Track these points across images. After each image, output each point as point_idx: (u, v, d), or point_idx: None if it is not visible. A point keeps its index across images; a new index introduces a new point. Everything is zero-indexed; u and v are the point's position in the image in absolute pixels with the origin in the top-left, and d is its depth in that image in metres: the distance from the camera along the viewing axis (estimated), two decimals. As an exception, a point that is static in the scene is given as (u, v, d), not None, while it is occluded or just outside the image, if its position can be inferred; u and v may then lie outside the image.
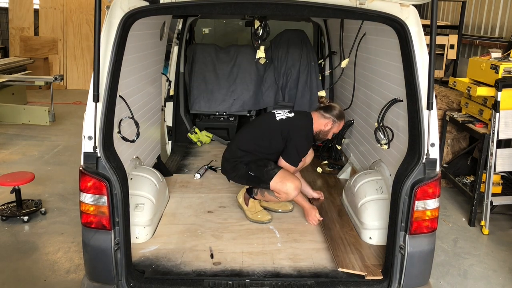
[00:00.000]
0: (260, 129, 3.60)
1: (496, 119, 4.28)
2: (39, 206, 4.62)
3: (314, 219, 3.47)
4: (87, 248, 2.60)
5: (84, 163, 2.50)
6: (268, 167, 3.37)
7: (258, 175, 3.38)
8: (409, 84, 2.64)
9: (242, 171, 3.46)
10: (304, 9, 2.52)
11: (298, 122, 3.50)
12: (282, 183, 3.29)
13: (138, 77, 3.52)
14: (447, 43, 6.94)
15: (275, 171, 3.34)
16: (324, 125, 3.53)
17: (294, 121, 3.49)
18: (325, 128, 3.54)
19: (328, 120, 3.53)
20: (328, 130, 3.56)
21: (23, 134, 7.41)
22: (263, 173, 3.35)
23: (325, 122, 3.52)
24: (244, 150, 3.49)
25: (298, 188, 3.35)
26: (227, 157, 3.59)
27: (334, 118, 3.53)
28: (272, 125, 3.50)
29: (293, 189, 3.29)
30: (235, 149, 3.54)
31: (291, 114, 3.55)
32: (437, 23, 6.63)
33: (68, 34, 11.41)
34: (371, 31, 3.66)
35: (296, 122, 3.49)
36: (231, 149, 3.60)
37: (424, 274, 2.70)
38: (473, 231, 4.53)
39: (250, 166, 3.43)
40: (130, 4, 2.51)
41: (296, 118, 3.52)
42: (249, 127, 3.76)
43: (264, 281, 2.70)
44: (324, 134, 3.59)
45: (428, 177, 2.53)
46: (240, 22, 7.25)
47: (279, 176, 3.31)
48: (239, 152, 3.50)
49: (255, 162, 3.42)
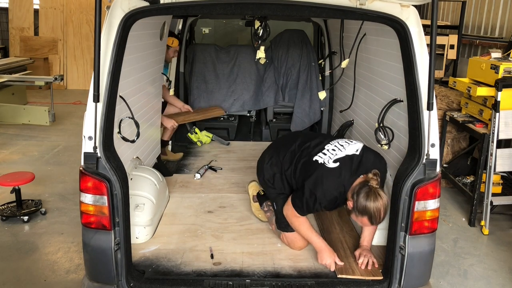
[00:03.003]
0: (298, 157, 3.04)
1: (496, 119, 4.28)
2: (39, 206, 4.62)
3: (330, 264, 2.86)
4: (87, 248, 2.60)
5: (84, 163, 2.50)
6: None
7: (278, 216, 3.12)
8: (409, 85, 2.64)
9: (271, 195, 3.21)
10: (304, 9, 2.51)
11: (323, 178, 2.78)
12: (291, 241, 3.08)
13: (138, 77, 3.52)
14: (447, 43, 6.94)
15: (292, 229, 3.04)
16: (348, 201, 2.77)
17: (325, 173, 2.79)
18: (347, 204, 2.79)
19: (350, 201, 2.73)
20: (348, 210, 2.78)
21: (23, 134, 7.41)
22: (282, 221, 3.08)
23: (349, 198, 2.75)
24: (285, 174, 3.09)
25: (302, 249, 3.08)
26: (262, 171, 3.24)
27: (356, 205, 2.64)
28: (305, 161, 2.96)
29: (297, 249, 3.07)
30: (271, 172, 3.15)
31: (334, 164, 2.79)
32: (437, 23, 6.63)
33: (68, 34, 11.40)
34: (371, 31, 3.66)
35: (322, 176, 2.78)
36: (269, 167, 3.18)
37: (424, 275, 2.70)
38: (473, 231, 4.53)
39: (279, 201, 3.11)
40: (130, 5, 2.51)
41: (330, 173, 2.78)
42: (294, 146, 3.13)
43: (264, 282, 2.69)
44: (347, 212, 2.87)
45: (428, 177, 2.53)
46: (240, 22, 7.26)
47: (293, 235, 3.05)
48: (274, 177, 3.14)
49: (283, 201, 3.06)
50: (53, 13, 11.41)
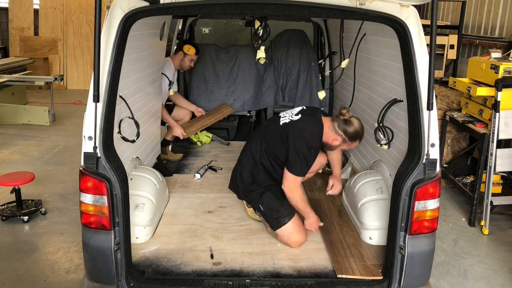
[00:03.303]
0: (266, 136, 3.26)
1: (496, 119, 4.28)
2: (39, 206, 4.62)
3: (314, 227, 3.24)
4: (87, 248, 2.60)
5: (84, 163, 2.50)
6: (279, 214, 3.15)
7: (267, 216, 3.21)
8: (409, 85, 2.64)
9: (254, 199, 3.29)
10: (304, 9, 2.51)
11: (300, 126, 3.09)
12: (287, 237, 3.12)
13: (138, 77, 3.52)
14: (447, 43, 6.94)
15: (285, 221, 3.12)
16: (332, 140, 3.14)
17: (298, 124, 3.11)
18: (332, 143, 3.15)
19: (338, 136, 3.11)
20: (335, 146, 3.18)
21: (23, 134, 7.41)
22: (273, 218, 3.17)
23: (334, 137, 3.13)
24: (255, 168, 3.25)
25: (301, 244, 3.14)
26: (239, 178, 3.36)
27: (345, 137, 3.10)
28: (275, 130, 3.19)
29: (296, 245, 3.12)
30: (247, 170, 3.30)
31: (297, 116, 3.15)
32: (437, 23, 6.63)
33: (68, 34, 11.40)
34: (371, 31, 3.66)
35: (298, 125, 3.10)
36: (242, 168, 3.34)
37: (424, 275, 2.70)
38: (473, 231, 4.53)
39: (263, 200, 3.23)
40: (130, 5, 2.51)
41: (300, 121, 3.12)
42: (257, 136, 3.36)
43: (264, 282, 2.69)
44: (329, 148, 3.26)
45: (428, 177, 2.53)
46: (240, 22, 7.25)
47: (288, 228, 3.12)
48: (252, 174, 3.27)
49: (269, 200, 3.21)
50: (53, 13, 11.41)
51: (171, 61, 4.92)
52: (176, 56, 4.97)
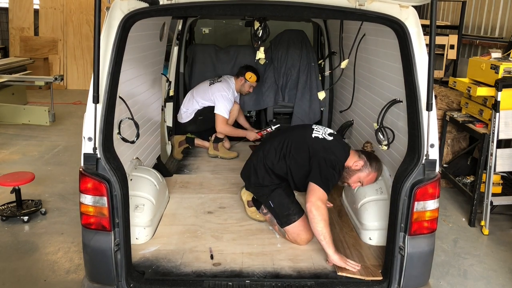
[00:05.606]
0: (291, 140, 3.25)
1: (496, 119, 4.28)
2: (39, 206, 4.62)
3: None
4: (87, 249, 2.60)
5: (84, 164, 2.50)
6: (289, 211, 3.18)
7: (277, 212, 3.22)
8: (408, 85, 2.64)
9: (264, 194, 3.29)
10: (304, 10, 2.51)
11: (333, 147, 3.09)
12: (296, 234, 3.14)
13: (138, 78, 3.52)
14: (447, 43, 6.94)
15: (295, 218, 3.15)
16: (354, 164, 3.09)
17: (330, 143, 3.11)
18: (353, 167, 3.09)
19: (361, 160, 3.10)
20: (354, 170, 3.10)
21: (23, 134, 7.41)
22: (283, 215, 3.18)
23: (356, 161, 3.09)
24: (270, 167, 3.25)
25: (309, 241, 3.16)
26: (253, 170, 3.34)
27: (368, 163, 3.09)
28: (305, 140, 3.18)
29: (304, 242, 3.15)
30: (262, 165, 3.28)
31: (330, 137, 3.17)
32: (437, 23, 6.62)
33: (68, 34, 11.41)
34: (370, 31, 3.66)
35: (331, 145, 3.10)
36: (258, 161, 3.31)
37: (423, 275, 2.70)
38: (473, 231, 4.53)
39: (274, 196, 3.24)
40: (129, 6, 2.50)
41: (333, 143, 3.13)
42: (280, 138, 3.33)
43: (264, 282, 2.70)
44: (348, 174, 3.13)
45: (427, 178, 2.53)
46: (240, 23, 7.24)
47: (297, 226, 3.14)
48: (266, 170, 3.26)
49: (279, 196, 3.23)
50: (53, 13, 11.42)
51: (235, 83, 5.21)
52: (237, 80, 5.20)
